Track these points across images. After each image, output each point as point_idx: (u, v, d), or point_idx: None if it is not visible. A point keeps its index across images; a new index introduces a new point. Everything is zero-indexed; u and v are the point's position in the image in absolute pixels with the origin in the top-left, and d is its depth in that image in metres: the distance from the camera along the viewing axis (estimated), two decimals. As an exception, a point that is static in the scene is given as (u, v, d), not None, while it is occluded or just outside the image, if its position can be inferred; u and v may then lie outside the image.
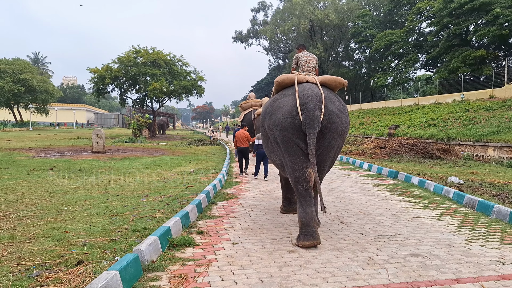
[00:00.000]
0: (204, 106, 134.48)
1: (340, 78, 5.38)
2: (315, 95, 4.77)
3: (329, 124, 4.69)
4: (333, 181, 9.52)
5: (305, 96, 4.77)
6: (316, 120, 4.57)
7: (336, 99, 5.10)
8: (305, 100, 4.71)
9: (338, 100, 5.15)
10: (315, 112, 4.61)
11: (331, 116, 4.73)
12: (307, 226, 4.40)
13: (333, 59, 50.09)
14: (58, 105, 73.06)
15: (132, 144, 25.35)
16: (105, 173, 10.82)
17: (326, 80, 5.27)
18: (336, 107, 4.86)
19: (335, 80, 5.31)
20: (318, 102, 4.71)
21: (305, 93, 4.81)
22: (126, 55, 37.18)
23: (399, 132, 21.43)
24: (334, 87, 5.36)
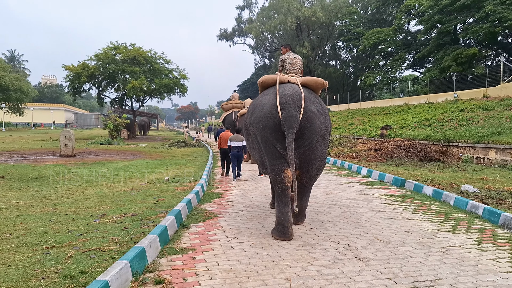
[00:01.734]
0: (189, 106, 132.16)
1: (321, 79, 5.44)
2: (295, 94, 4.84)
3: (308, 124, 4.74)
4: (332, 191, 8.17)
5: (285, 95, 4.84)
6: (295, 119, 4.62)
7: (316, 100, 5.14)
8: (285, 99, 4.79)
9: (318, 101, 5.20)
10: (294, 111, 4.66)
11: (310, 116, 4.77)
12: (282, 225, 4.76)
13: (320, 58, 49.07)
14: (34, 104, 69.98)
15: (108, 146, 23.60)
16: (64, 182, 9.24)
17: (307, 81, 5.36)
18: (315, 108, 4.91)
19: (316, 81, 5.40)
20: (298, 101, 4.77)
21: (285, 92, 4.89)
22: (103, 51, 35.21)
23: (392, 133, 20.34)
24: (315, 88, 5.44)
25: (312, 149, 4.85)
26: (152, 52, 36.58)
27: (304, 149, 4.82)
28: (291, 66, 5.81)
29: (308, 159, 4.87)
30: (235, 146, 9.91)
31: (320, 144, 4.95)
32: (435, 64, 30.02)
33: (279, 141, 4.79)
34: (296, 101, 4.78)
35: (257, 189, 8.46)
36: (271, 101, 4.97)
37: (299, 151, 4.81)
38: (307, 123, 4.75)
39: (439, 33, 29.10)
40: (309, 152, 4.85)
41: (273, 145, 4.84)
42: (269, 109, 4.91)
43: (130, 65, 34.76)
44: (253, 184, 9.18)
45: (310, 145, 4.82)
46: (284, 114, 4.70)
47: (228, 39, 61.08)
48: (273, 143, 4.84)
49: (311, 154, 4.87)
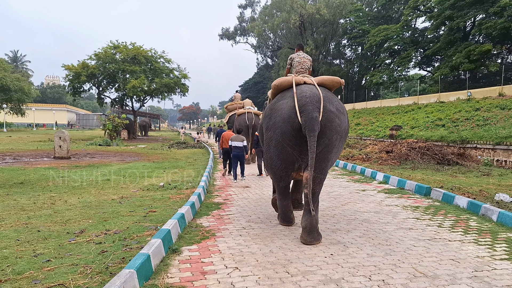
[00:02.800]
0: (191, 106, 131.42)
1: (337, 77, 5.36)
2: (313, 96, 4.76)
3: (328, 123, 4.68)
4: (348, 200, 7.20)
5: (303, 97, 4.76)
6: (315, 121, 4.56)
7: (335, 99, 5.03)
8: (304, 101, 4.71)
9: (337, 100, 5.09)
10: (313, 113, 4.59)
11: (330, 115, 4.71)
12: (285, 214, 5.32)
13: (324, 56, 48.02)
14: (36, 105, 69.42)
15: (106, 147, 22.74)
16: (49, 188, 8.35)
17: (324, 80, 5.30)
18: (334, 107, 4.83)
19: (333, 80, 5.34)
20: (317, 103, 4.69)
21: (303, 94, 4.80)
22: (103, 50, 34.37)
23: (402, 134, 19.33)
24: (331, 87, 5.38)
25: (330, 147, 4.77)
26: (153, 51, 35.73)
27: (322, 148, 4.71)
28: (299, 64, 5.72)
29: (324, 157, 4.78)
30: (236, 146, 9.85)
31: (338, 143, 4.89)
32: (446, 61, 28.95)
33: (297, 146, 4.76)
34: (315, 102, 4.70)
35: (261, 198, 7.51)
36: (289, 105, 4.87)
37: (317, 150, 4.66)
38: (327, 122, 4.68)
39: (449, 29, 28.06)
40: (325, 151, 4.76)
41: (291, 149, 4.82)
42: (288, 113, 4.80)
43: (130, 64, 33.90)
44: (257, 192, 8.24)
45: (329, 143, 4.74)
46: (304, 117, 4.61)
47: (230, 38, 60.23)
48: (290, 147, 4.81)
49: (328, 153, 4.80)
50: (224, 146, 11.06)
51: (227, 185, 9.23)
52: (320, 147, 4.65)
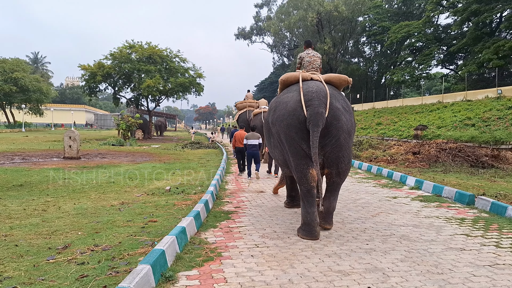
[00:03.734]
0: (207, 107, 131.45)
1: (344, 76, 5.30)
2: (319, 91, 4.71)
3: (334, 121, 4.60)
4: (379, 210, 6.19)
5: (309, 92, 4.71)
6: (321, 117, 4.49)
7: (341, 97, 5.00)
8: (310, 96, 4.66)
9: (343, 98, 5.06)
10: (319, 108, 4.53)
11: (336, 113, 4.63)
12: (309, 225, 4.63)
13: (342, 55, 46.70)
14: (55, 105, 70.44)
15: (119, 147, 22.28)
16: (47, 192, 7.73)
17: (331, 78, 5.24)
18: (340, 105, 4.79)
19: (340, 78, 5.27)
20: (323, 98, 4.63)
21: (309, 89, 4.76)
22: (119, 50, 34.10)
23: (428, 134, 18.12)
24: (338, 85, 5.29)
25: (340, 146, 4.69)
26: (168, 51, 35.26)
27: (331, 147, 4.66)
28: (309, 64, 5.57)
29: (336, 157, 4.70)
30: (251, 144, 9.88)
31: (347, 141, 4.79)
32: (472, 58, 27.42)
33: (304, 140, 4.64)
34: (322, 98, 4.62)
35: (277, 206, 6.64)
36: (295, 98, 4.80)
37: (326, 149, 4.67)
38: (333, 120, 4.59)
39: (476, 24, 26.53)
40: (337, 150, 4.68)
41: (298, 144, 4.68)
42: (294, 106, 4.74)
43: (146, 64, 33.53)
44: (272, 198, 7.36)
45: (338, 143, 4.66)
46: (309, 111, 4.54)
47: (246, 38, 59.54)
48: (298, 142, 4.69)
49: (339, 151, 4.70)
50: (237, 145, 10.96)
51: (240, 189, 8.39)
52: (329, 146, 4.63)
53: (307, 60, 5.59)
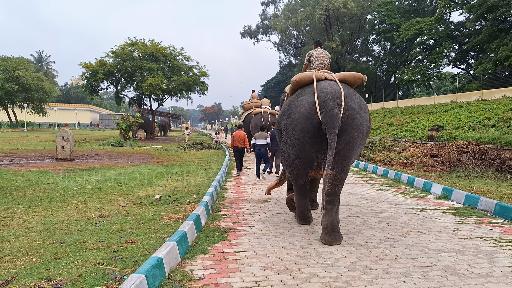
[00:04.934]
0: (213, 107, 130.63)
1: (359, 73, 5.21)
2: (334, 92, 4.61)
3: (349, 120, 4.50)
4: (408, 227, 5.08)
5: (324, 94, 4.61)
6: (336, 118, 4.40)
7: (356, 96, 4.87)
8: (325, 98, 4.57)
9: (358, 96, 4.92)
10: (334, 110, 4.44)
11: (351, 112, 4.55)
12: (303, 213, 5.26)
13: (350, 53, 45.49)
14: (58, 105, 69.96)
15: (118, 148, 21.37)
16: (19, 200, 6.77)
17: (345, 76, 5.13)
18: (356, 104, 4.68)
19: (354, 76, 5.17)
20: (338, 99, 4.55)
21: (324, 90, 4.66)
22: (121, 48, 33.23)
23: (444, 135, 16.96)
24: (353, 83, 5.20)
25: (352, 145, 4.60)
26: (171, 48, 34.32)
27: (342, 146, 4.55)
28: (317, 60, 5.53)
29: (346, 155, 4.61)
30: (259, 144, 9.88)
31: (360, 140, 4.73)
32: (488, 56, 26.13)
33: (316, 144, 4.64)
34: (336, 99, 4.55)
35: (284, 221, 5.57)
36: (309, 101, 4.72)
37: (338, 148, 4.51)
38: (348, 119, 4.51)
39: (493, 20, 25.23)
40: (347, 149, 4.59)
41: (310, 147, 4.70)
42: (308, 109, 4.66)
43: (148, 61, 32.62)
44: (278, 210, 6.30)
45: (350, 140, 4.57)
46: (324, 114, 4.47)
47: (252, 37, 58.50)
48: (310, 145, 4.69)
49: (350, 151, 4.62)
50: (235, 145, 10.93)
51: (241, 197, 7.34)
52: (340, 144, 4.50)
53: (315, 56, 5.55)
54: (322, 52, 5.60)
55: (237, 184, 8.93)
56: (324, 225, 4.50)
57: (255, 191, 8.07)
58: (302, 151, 4.75)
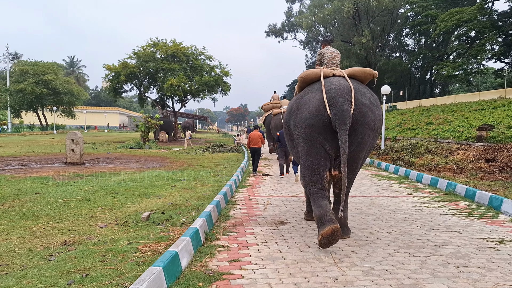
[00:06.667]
0: (239, 108, 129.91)
1: (369, 69, 5.08)
2: (343, 88, 4.44)
3: (360, 117, 4.31)
4: (491, 274, 3.43)
5: (332, 90, 4.45)
6: (347, 114, 4.21)
7: (367, 91, 4.71)
8: (333, 94, 4.40)
9: (369, 92, 4.76)
10: (344, 106, 4.25)
11: (363, 109, 4.36)
12: (323, 217, 4.18)
13: (381, 49, 42.93)
14: (88, 108, 71.29)
15: (135, 150, 20.45)
16: None
17: (355, 72, 4.98)
18: (367, 100, 4.51)
19: (364, 72, 5.01)
20: (347, 95, 4.36)
21: (332, 87, 4.50)
22: (143, 49, 32.60)
23: (496, 135, 14.73)
24: (363, 78, 5.03)
25: (363, 144, 4.40)
26: (193, 48, 33.33)
27: (354, 146, 4.34)
28: (329, 60, 5.36)
29: (356, 157, 4.42)
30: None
31: (371, 139, 4.53)
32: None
33: (328, 141, 4.38)
34: (345, 95, 4.35)
35: (304, 258, 3.95)
36: (317, 98, 4.54)
37: (351, 148, 4.32)
38: (359, 117, 4.29)
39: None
40: (359, 149, 4.39)
41: (322, 145, 4.41)
42: (316, 106, 4.47)
43: (170, 62, 31.77)
44: (296, 240, 4.68)
45: (362, 141, 4.36)
46: (334, 110, 4.26)
47: (277, 35, 56.78)
48: (321, 143, 4.41)
49: (360, 152, 4.44)
50: (251, 145, 11.12)
51: (250, 216, 5.81)
52: (352, 145, 4.30)
53: (327, 56, 5.40)
54: (334, 51, 5.45)
55: (249, 197, 7.39)
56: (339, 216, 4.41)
57: (269, 206, 6.52)
58: (312, 149, 4.46)
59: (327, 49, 5.52)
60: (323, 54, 5.50)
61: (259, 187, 8.66)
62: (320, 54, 5.59)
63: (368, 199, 7.31)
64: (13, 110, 46.14)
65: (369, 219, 5.74)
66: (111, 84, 33.36)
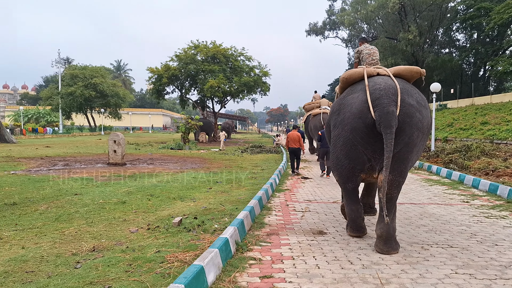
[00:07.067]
0: (279, 108, 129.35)
1: (416, 67, 4.84)
2: (388, 88, 4.20)
3: (407, 118, 4.05)
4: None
5: (377, 90, 4.21)
6: (392, 116, 3.95)
7: (414, 91, 4.43)
8: (378, 94, 4.16)
9: (417, 92, 4.47)
10: (390, 107, 4.01)
11: (410, 110, 4.10)
12: (355, 222, 4.62)
13: (430, 45, 40.67)
14: (133, 109, 74.05)
15: (176, 151, 20.74)
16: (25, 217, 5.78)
17: (401, 70, 4.75)
18: (414, 100, 4.22)
19: (411, 70, 4.78)
20: (393, 96, 4.12)
21: (376, 87, 4.26)
22: (184, 51, 33.17)
23: None
24: (410, 77, 4.78)
25: (411, 145, 4.15)
26: (233, 49, 33.42)
27: (401, 147, 4.09)
28: (368, 56, 5.21)
29: (404, 158, 4.16)
30: None
31: (420, 141, 4.28)
32: None
33: (370, 145, 4.21)
34: (391, 95, 4.11)
35: (346, 277, 3.55)
36: (360, 99, 4.32)
37: (396, 150, 4.06)
38: (406, 117, 4.05)
39: None
40: (405, 151, 4.13)
41: (362, 148, 4.28)
42: (359, 108, 4.26)
43: (210, 63, 32.06)
44: (338, 249, 4.25)
45: (409, 141, 4.11)
46: (378, 112, 4.02)
47: (318, 34, 55.64)
48: (362, 146, 4.28)
49: (408, 153, 4.17)
50: (290, 145, 11.13)
51: (286, 224, 5.40)
52: (398, 146, 4.05)
53: (366, 53, 5.25)
54: (372, 47, 5.31)
55: (285, 202, 6.97)
56: (378, 233, 4.17)
57: (307, 213, 6.07)
58: (352, 152, 4.36)
59: (364, 46, 5.40)
60: (361, 52, 5.39)
61: (297, 191, 8.23)
62: (357, 52, 5.47)
63: (419, 207, 6.66)
64: (64, 112, 48.85)
65: (420, 230, 5.15)
66: (154, 86, 34.24)
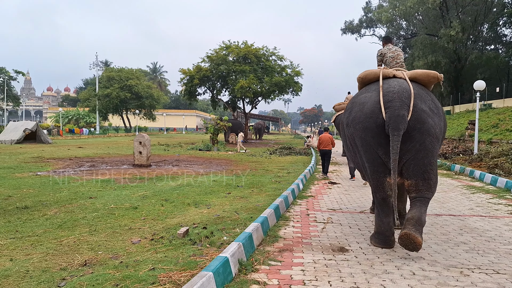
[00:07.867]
0: (313, 109, 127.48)
1: (434, 71, 4.68)
2: (402, 91, 4.20)
3: (418, 124, 4.07)
4: None
5: (390, 92, 4.24)
6: (402, 120, 4.00)
7: (428, 97, 4.42)
8: (390, 97, 4.19)
9: (431, 98, 4.47)
10: (401, 111, 4.04)
11: (421, 115, 4.10)
12: (383, 234, 4.39)
13: (473, 41, 38.20)
14: (167, 111, 75.49)
15: (204, 152, 20.58)
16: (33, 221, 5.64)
17: (417, 74, 4.64)
18: (427, 106, 4.23)
19: (428, 75, 4.64)
20: (406, 99, 4.13)
21: (390, 89, 4.28)
22: (215, 52, 33.14)
23: None
24: (427, 82, 4.69)
25: (426, 151, 4.08)
26: (264, 49, 32.94)
27: (415, 153, 4.09)
28: (392, 60, 5.04)
29: (422, 164, 4.08)
30: None
31: (434, 146, 4.16)
32: None
33: (381, 146, 4.20)
34: (404, 99, 4.12)
35: None
36: (373, 99, 4.35)
37: (408, 155, 4.11)
38: (416, 123, 4.06)
39: None
40: (422, 156, 4.08)
41: (374, 149, 4.27)
42: (371, 108, 4.29)
43: (241, 64, 31.76)
44: (360, 273, 3.61)
45: (423, 147, 4.08)
46: (388, 114, 4.08)
47: (354, 32, 53.95)
48: (374, 148, 4.27)
49: (425, 158, 4.09)
50: (321, 147, 11.28)
51: (303, 238, 4.77)
52: (410, 153, 4.07)
53: (389, 56, 5.07)
54: (396, 49, 5.13)
55: (307, 211, 6.32)
56: (409, 216, 3.96)
57: (329, 225, 5.42)
58: (369, 153, 4.34)
59: (388, 49, 5.17)
60: (384, 54, 5.18)
61: (321, 198, 7.57)
62: (380, 55, 5.24)
63: (458, 220, 5.83)
64: (100, 113, 50.48)
65: (459, 250, 4.38)
66: (186, 87, 34.48)
